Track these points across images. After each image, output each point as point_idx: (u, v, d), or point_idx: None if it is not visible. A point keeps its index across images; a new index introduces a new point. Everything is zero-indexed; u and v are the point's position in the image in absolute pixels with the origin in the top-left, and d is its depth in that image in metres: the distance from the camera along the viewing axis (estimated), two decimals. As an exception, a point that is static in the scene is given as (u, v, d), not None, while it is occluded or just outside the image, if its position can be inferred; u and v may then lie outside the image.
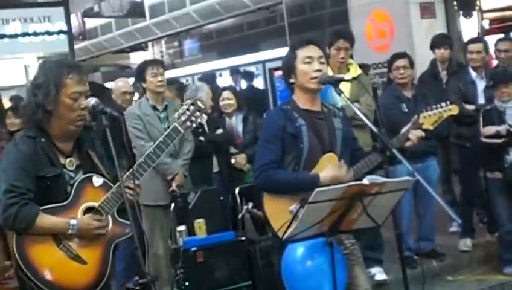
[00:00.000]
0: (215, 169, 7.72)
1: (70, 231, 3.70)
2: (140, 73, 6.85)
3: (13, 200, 3.63)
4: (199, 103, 4.27)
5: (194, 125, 4.27)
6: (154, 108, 6.73)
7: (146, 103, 6.76)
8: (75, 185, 3.81)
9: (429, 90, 7.51)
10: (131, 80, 7.97)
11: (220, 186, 7.40)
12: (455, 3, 12.20)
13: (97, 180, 3.88)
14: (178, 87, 9.87)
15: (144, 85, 6.80)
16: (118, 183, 3.82)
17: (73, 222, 3.71)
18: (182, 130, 4.18)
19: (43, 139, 3.79)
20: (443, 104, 4.49)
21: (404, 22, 11.73)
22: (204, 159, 7.43)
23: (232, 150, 7.78)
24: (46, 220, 3.68)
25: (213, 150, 7.57)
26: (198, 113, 4.23)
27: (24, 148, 3.75)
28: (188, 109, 4.22)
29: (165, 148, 4.08)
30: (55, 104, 3.74)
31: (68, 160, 3.87)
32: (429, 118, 4.41)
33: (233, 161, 7.68)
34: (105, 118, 3.86)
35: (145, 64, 6.91)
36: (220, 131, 7.68)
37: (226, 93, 7.95)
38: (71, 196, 3.79)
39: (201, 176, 7.32)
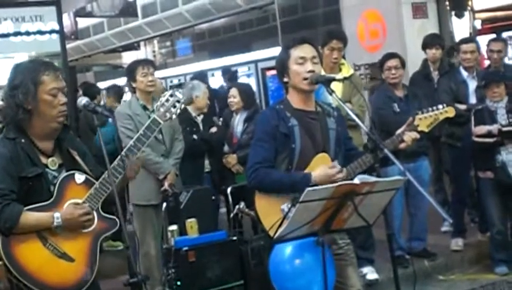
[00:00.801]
0: (206, 169, 7.72)
1: (55, 224, 3.69)
2: (130, 72, 6.83)
3: None
4: (178, 94, 4.22)
5: (173, 116, 4.20)
6: (145, 108, 6.71)
7: (136, 103, 6.74)
8: (57, 183, 3.80)
9: (421, 90, 7.51)
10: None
11: (210, 186, 7.40)
12: (447, 3, 12.20)
13: (79, 177, 3.87)
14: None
15: (134, 85, 6.79)
16: (100, 179, 3.82)
17: (56, 214, 3.70)
18: (161, 122, 4.12)
19: (23, 140, 3.79)
20: (439, 106, 4.45)
21: (396, 22, 11.72)
22: (196, 159, 7.43)
23: (226, 149, 7.79)
24: (30, 217, 3.67)
25: (206, 149, 7.57)
26: (177, 104, 4.17)
27: (4, 150, 3.75)
28: (166, 100, 4.17)
29: (146, 140, 4.03)
30: (35, 102, 3.74)
31: (50, 159, 3.87)
32: (425, 120, 4.38)
33: (224, 160, 7.69)
34: (96, 117, 3.87)
35: (136, 64, 6.90)
36: (214, 130, 7.68)
37: (232, 91, 8.01)
38: (54, 195, 3.78)
39: (192, 175, 7.32)
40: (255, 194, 4.21)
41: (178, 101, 4.19)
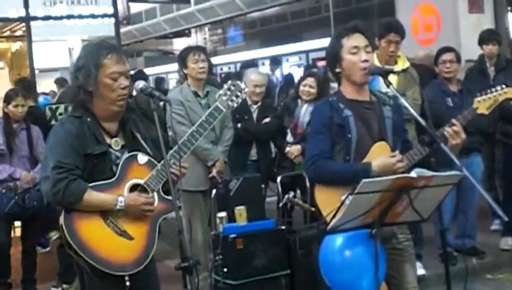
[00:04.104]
0: (253, 157, 7.69)
1: (118, 207, 3.76)
2: (182, 59, 6.88)
3: (62, 175, 3.69)
4: (240, 84, 4.40)
5: (235, 105, 4.38)
6: (196, 94, 6.75)
7: (187, 89, 6.79)
8: (120, 163, 3.88)
9: (475, 86, 7.40)
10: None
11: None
12: (504, -2, 12.03)
13: (142, 158, 3.94)
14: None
15: (186, 71, 6.83)
16: (162, 161, 3.87)
17: (121, 198, 3.77)
18: (223, 109, 4.28)
19: (89, 119, 3.87)
20: (498, 87, 4.37)
21: (452, 16, 11.56)
22: (239, 147, 7.39)
23: (289, 138, 7.71)
24: (94, 196, 3.74)
25: (250, 139, 7.55)
26: (239, 93, 4.36)
27: (71, 127, 3.83)
28: (228, 89, 4.35)
29: (208, 126, 4.16)
30: (95, 85, 3.82)
31: (114, 140, 3.95)
32: (484, 102, 4.31)
33: (287, 149, 7.61)
34: (153, 101, 3.91)
35: (188, 51, 6.93)
36: (267, 120, 7.63)
37: (310, 80, 7.71)
38: (117, 173, 3.86)
39: (236, 162, 7.32)
40: (314, 187, 4.18)
41: (240, 91, 4.37)
